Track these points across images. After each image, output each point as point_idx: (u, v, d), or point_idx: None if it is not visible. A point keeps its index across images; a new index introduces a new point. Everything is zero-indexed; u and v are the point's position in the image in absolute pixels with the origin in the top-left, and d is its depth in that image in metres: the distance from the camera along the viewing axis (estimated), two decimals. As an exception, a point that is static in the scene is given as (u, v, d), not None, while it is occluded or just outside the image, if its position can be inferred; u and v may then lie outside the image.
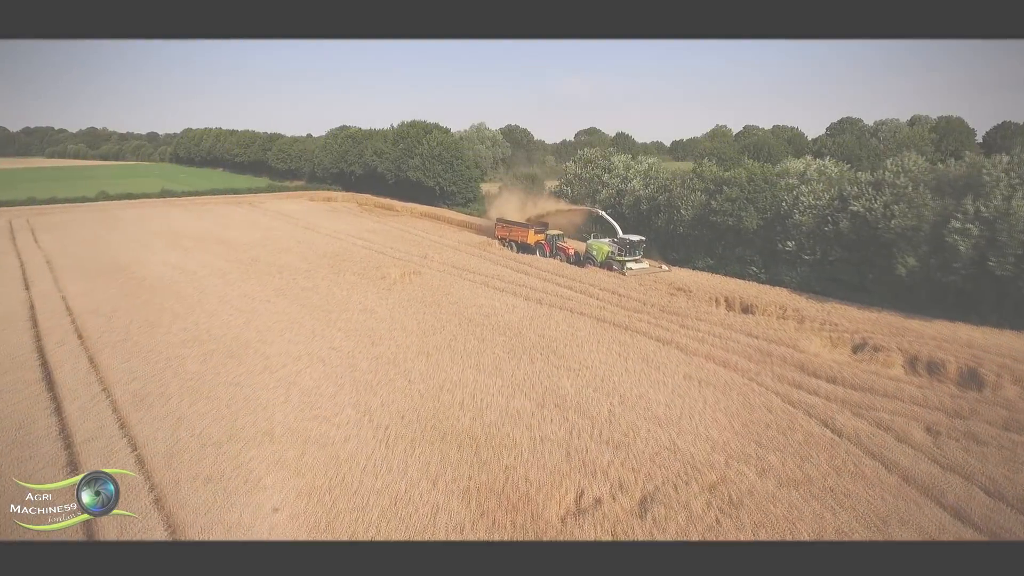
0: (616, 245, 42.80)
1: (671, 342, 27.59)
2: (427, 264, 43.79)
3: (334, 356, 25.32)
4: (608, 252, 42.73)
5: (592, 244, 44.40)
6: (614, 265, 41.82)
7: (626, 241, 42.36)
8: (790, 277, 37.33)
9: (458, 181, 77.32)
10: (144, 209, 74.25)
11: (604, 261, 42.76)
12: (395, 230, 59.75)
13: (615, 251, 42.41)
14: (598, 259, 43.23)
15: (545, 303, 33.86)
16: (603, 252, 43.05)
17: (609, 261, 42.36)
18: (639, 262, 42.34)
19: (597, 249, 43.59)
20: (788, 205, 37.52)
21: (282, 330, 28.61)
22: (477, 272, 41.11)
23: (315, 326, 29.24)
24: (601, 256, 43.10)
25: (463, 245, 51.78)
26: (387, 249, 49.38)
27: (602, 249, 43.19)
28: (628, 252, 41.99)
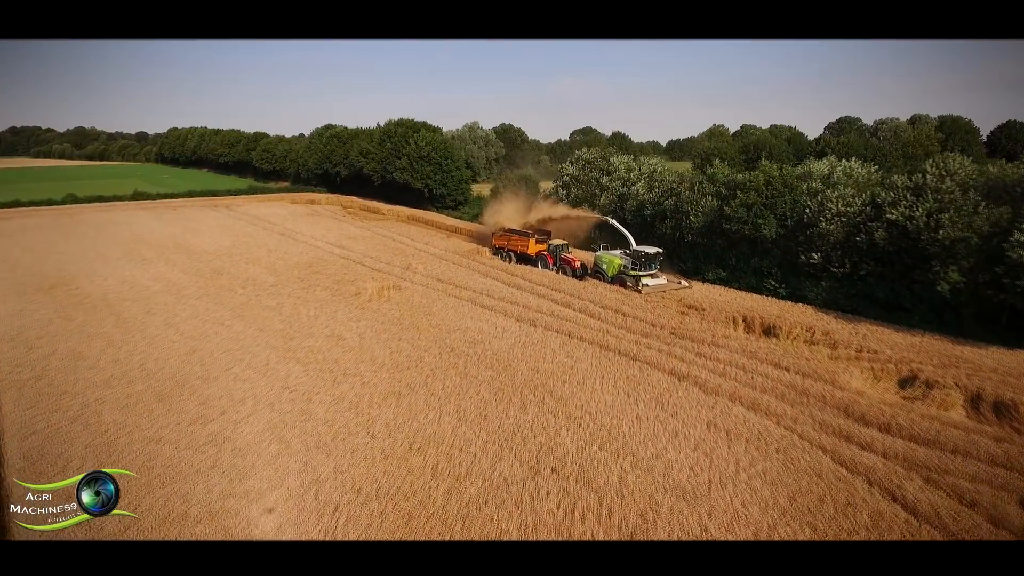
0: (629, 258, 37.58)
1: (687, 376, 23.40)
2: (409, 276, 39.51)
3: (286, 399, 21.03)
4: (620, 266, 37.67)
5: (602, 257, 39.10)
6: (627, 281, 36.76)
7: (641, 254, 36.87)
8: (814, 293, 33.23)
9: (448, 183, 73.10)
10: (113, 213, 69.66)
11: (615, 276, 37.76)
12: (378, 236, 55.43)
13: (628, 265, 37.28)
14: (608, 274, 38.21)
15: (540, 325, 29.64)
16: (614, 266, 37.95)
17: (621, 276, 37.32)
18: (656, 277, 37.20)
19: (607, 262, 38.38)
20: (813, 212, 33.41)
21: (230, 363, 24.28)
22: (464, 286, 36.85)
23: (271, 357, 24.93)
24: (612, 270, 38.04)
25: (450, 254, 47.53)
26: (367, 259, 45.07)
27: (613, 262, 38.06)
28: (643, 266, 36.72)
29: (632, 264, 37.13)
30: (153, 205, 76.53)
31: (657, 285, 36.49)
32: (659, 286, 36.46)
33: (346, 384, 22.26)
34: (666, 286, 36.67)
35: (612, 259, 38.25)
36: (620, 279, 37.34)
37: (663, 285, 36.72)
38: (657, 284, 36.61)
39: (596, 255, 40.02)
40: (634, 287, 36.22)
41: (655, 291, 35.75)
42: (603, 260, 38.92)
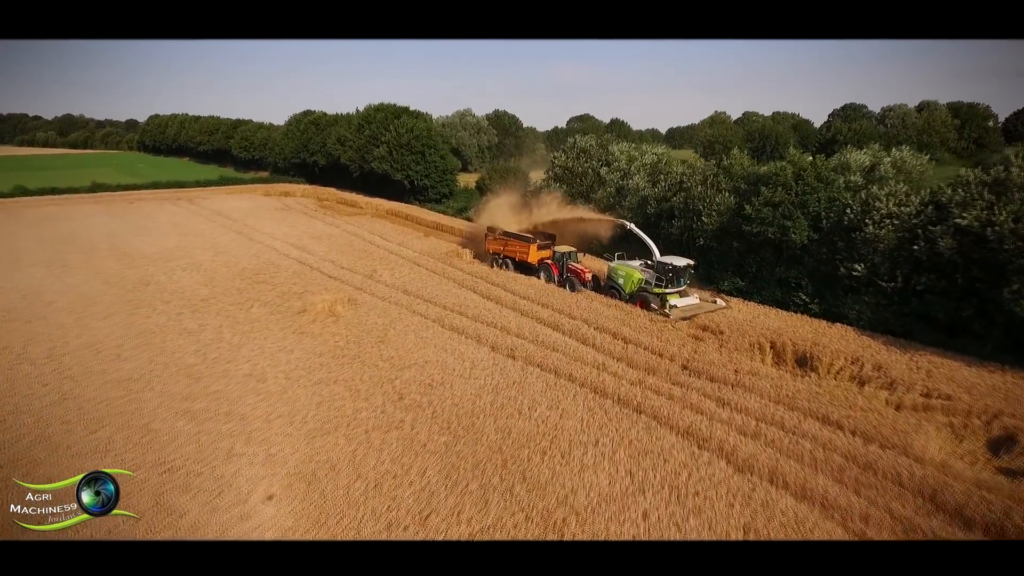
0: (651, 271, 30.44)
1: (710, 441, 17.42)
2: (370, 287, 33.42)
3: (147, 489, 15.00)
4: (640, 281, 30.66)
5: (617, 269, 31.74)
6: (651, 301, 29.52)
7: (667, 266, 29.50)
8: (856, 311, 27.20)
9: (431, 174, 66.79)
10: (61, 207, 63.32)
11: (635, 294, 30.64)
12: (348, 235, 49.25)
13: (650, 280, 30.20)
14: (625, 290, 31.13)
15: (519, 356, 23.63)
16: (633, 280, 30.87)
17: (643, 295, 30.05)
18: (686, 295, 30.16)
19: (625, 276, 31.24)
20: (855, 213, 27.30)
21: (99, 420, 18.25)
22: (433, 300, 30.78)
23: (158, 412, 18.89)
24: (630, 286, 30.94)
25: (425, 257, 41.39)
26: (327, 263, 38.94)
27: (631, 276, 30.92)
28: (671, 282, 29.49)
29: (656, 279, 29.89)
30: (110, 198, 70.16)
31: (688, 306, 29.28)
32: (691, 307, 29.25)
33: (243, 459, 16.24)
34: (699, 307, 29.50)
35: (630, 272, 31.04)
36: (641, 298, 30.04)
37: (695, 306, 29.49)
38: (688, 304, 29.37)
39: (610, 266, 32.53)
40: (659, 309, 28.96)
41: (686, 314, 28.65)
42: (619, 273, 31.64)
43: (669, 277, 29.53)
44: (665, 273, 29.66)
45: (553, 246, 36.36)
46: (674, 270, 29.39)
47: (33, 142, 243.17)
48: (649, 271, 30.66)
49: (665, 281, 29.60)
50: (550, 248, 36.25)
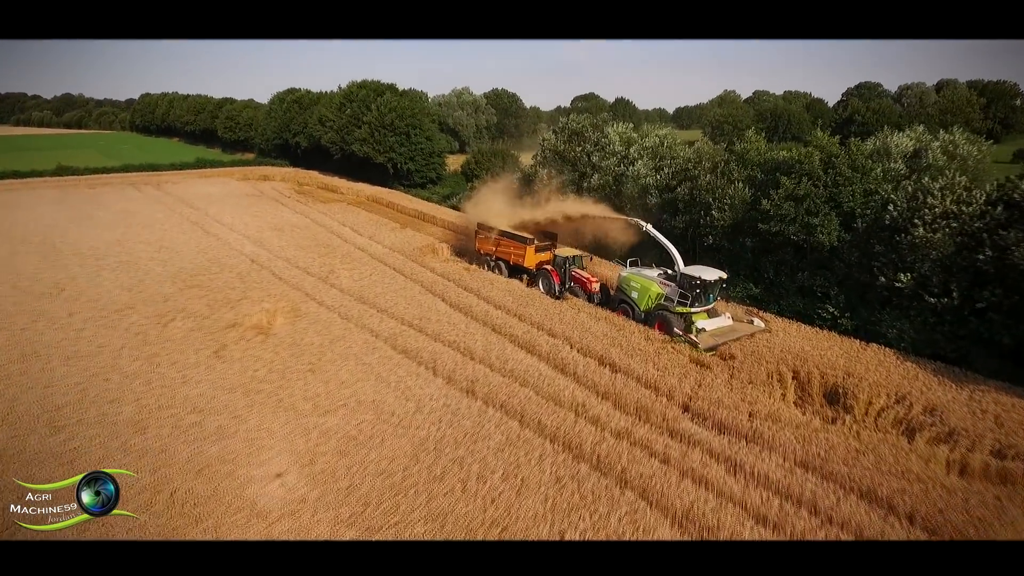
0: (673, 285, 24.37)
1: (718, 532, 12.69)
2: (322, 292, 28.65)
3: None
4: (659, 296, 24.66)
5: (631, 280, 25.79)
6: (672, 323, 23.47)
7: (693, 280, 23.42)
8: (896, 330, 22.27)
9: (416, 157, 61.63)
10: (14, 193, 58.41)
11: (651, 311, 24.76)
12: (315, 226, 44.36)
13: (671, 296, 24.24)
14: (640, 306, 25.24)
15: (479, 391, 18.91)
16: (649, 295, 24.86)
17: (663, 313, 24.12)
18: (716, 315, 24.41)
19: (639, 289, 25.28)
20: (899, 211, 22.23)
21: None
22: (391, 311, 26.00)
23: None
24: (646, 302, 24.99)
25: (394, 253, 36.52)
26: (281, 261, 34.16)
27: (648, 290, 24.94)
28: (697, 299, 23.59)
29: (679, 295, 23.96)
30: (74, 183, 65.19)
31: (720, 329, 23.54)
32: (723, 331, 23.44)
33: None
34: (734, 330, 23.58)
35: (647, 285, 25.06)
36: (660, 318, 24.14)
37: (729, 329, 23.65)
38: (720, 327, 23.63)
39: (622, 276, 26.48)
40: (684, 335, 22.84)
41: (718, 339, 22.74)
42: (632, 285, 25.66)
43: (695, 293, 23.44)
44: (691, 288, 23.54)
45: (554, 248, 30.95)
46: (702, 285, 23.25)
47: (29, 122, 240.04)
48: (670, 284, 24.53)
49: (691, 298, 23.52)
50: (550, 250, 30.76)
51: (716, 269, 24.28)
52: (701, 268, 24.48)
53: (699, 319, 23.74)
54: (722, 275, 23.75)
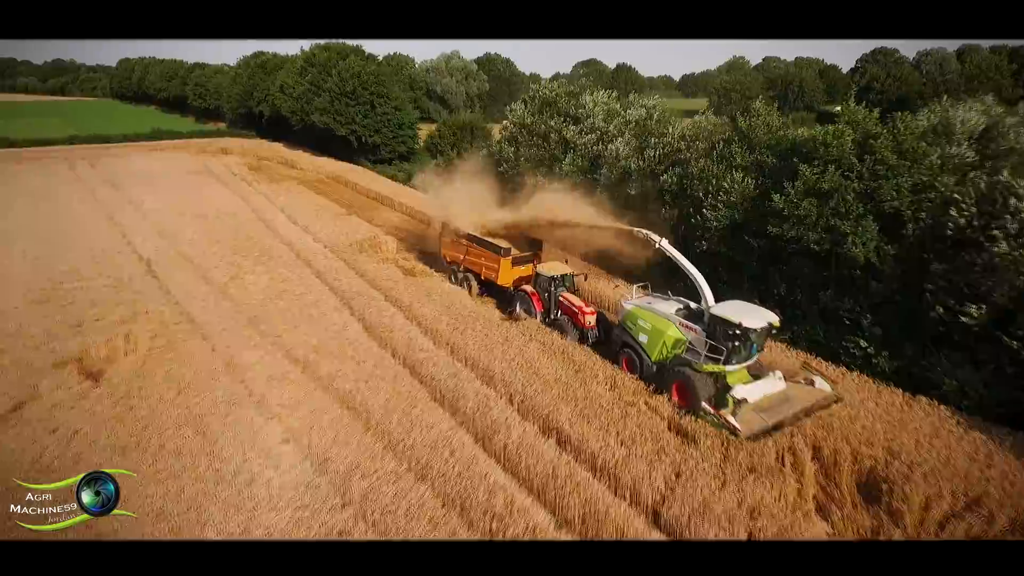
0: (700, 330, 16.56)
1: None
2: (211, 308, 22.53)
3: None
4: (678, 344, 16.95)
5: (637, 315, 18.08)
6: (698, 389, 15.57)
7: (729, 326, 15.60)
8: (959, 381, 16.03)
9: (382, 129, 54.84)
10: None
11: (667, 366, 16.95)
12: (249, 212, 37.99)
13: (696, 345, 16.46)
14: (650, 354, 17.55)
15: (355, 493, 12.83)
16: (664, 341, 17.17)
17: (682, 371, 16.22)
18: (765, 376, 16.44)
19: (651, 331, 17.54)
20: (968, 216, 15.74)
21: None
22: (284, 338, 19.92)
23: None
24: (659, 350, 17.29)
25: (324, 250, 30.29)
26: (181, 262, 27.97)
27: (662, 333, 17.20)
28: (735, 352, 15.88)
29: (708, 346, 16.01)
30: (4, 156, 58.58)
31: (770, 399, 15.63)
32: (773, 402, 15.54)
33: None
34: (790, 400, 15.67)
35: (661, 326, 17.22)
36: (680, 378, 16.20)
37: (782, 399, 15.74)
38: (768, 395, 15.72)
39: (626, 310, 18.66)
40: (715, 412, 14.92)
41: (768, 419, 14.85)
42: (641, 324, 17.81)
43: (733, 344, 15.62)
44: (726, 336, 15.64)
45: (536, 261, 23.66)
46: (743, 333, 15.45)
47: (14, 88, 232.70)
48: (695, 328, 16.61)
49: (725, 351, 15.61)
50: (529, 262, 23.56)
51: (761, 309, 16.32)
52: (740, 307, 16.23)
53: (736, 380, 16.01)
54: (772, 320, 15.77)
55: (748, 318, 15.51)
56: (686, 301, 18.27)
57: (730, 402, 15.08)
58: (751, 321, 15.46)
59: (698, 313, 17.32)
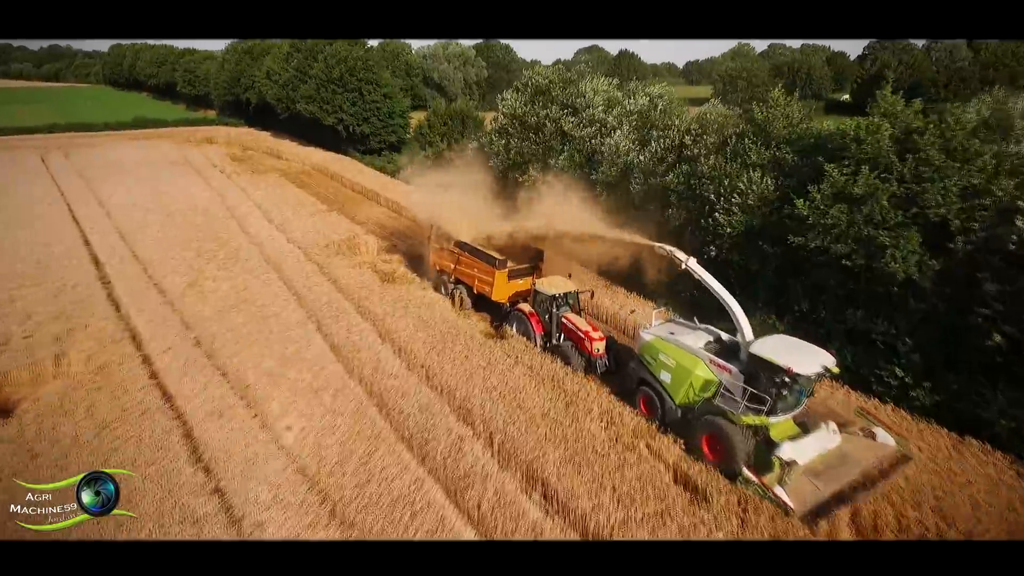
0: (736, 370, 13.44)
1: None
2: (160, 323, 20.07)
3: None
4: (709, 386, 13.82)
5: (658, 348, 14.95)
6: (735, 446, 12.60)
7: (775, 370, 12.44)
8: (1015, 423, 13.55)
9: (371, 118, 52.09)
10: None
11: (694, 411, 13.99)
12: (222, 208, 35.40)
13: (732, 388, 13.30)
14: (674, 396, 14.53)
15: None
16: (691, 382, 14.09)
17: (714, 423, 13.16)
18: (816, 429, 13.15)
19: (675, 369, 14.47)
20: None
21: None
22: (236, 359, 17.47)
23: None
24: (685, 392, 14.24)
25: (297, 251, 27.72)
26: (136, 267, 25.47)
27: (690, 373, 14.11)
28: (780, 399, 12.65)
29: (746, 392, 12.97)
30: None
31: (824, 459, 12.69)
32: (829, 462, 12.64)
33: None
34: (847, 461, 12.69)
35: (687, 362, 14.29)
36: (711, 430, 13.30)
37: (839, 458, 12.77)
38: (822, 453, 12.79)
39: (643, 340, 15.52)
40: (758, 480, 11.99)
41: (824, 486, 12.07)
42: (663, 359, 14.79)
43: (777, 390, 12.59)
44: (770, 382, 12.67)
45: (536, 274, 20.62)
46: (791, 380, 12.39)
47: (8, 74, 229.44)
48: (730, 368, 13.56)
49: (769, 399, 12.57)
50: (527, 275, 20.64)
51: (812, 347, 13.03)
52: (787, 345, 13.12)
53: (781, 433, 12.92)
54: (828, 363, 12.49)
55: (799, 361, 12.27)
56: (717, 332, 15.29)
57: (776, 465, 11.97)
58: (804, 366, 12.24)
59: (732, 347, 14.48)
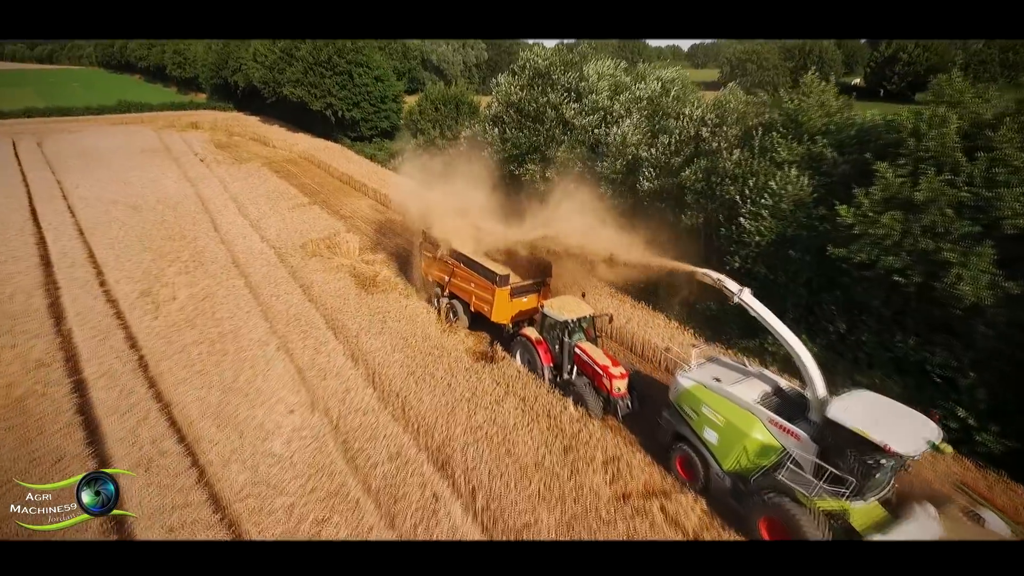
0: (806, 436, 10.44)
1: None
2: (100, 340, 17.53)
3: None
4: (766, 453, 10.90)
5: (701, 397, 11.92)
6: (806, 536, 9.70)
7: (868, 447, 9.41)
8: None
9: (361, 103, 49.17)
10: None
11: (747, 481, 11.10)
12: (195, 200, 32.72)
13: (801, 459, 10.36)
14: (720, 463, 11.61)
15: None
16: (745, 446, 11.14)
17: (777, 504, 10.25)
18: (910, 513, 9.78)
19: (723, 427, 11.50)
20: None
21: None
22: (179, 390, 14.92)
23: None
24: (735, 458, 11.35)
25: (270, 250, 25.15)
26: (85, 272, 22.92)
27: (744, 435, 11.17)
28: (866, 477, 9.74)
29: (817, 467, 10.05)
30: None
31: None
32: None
33: None
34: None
35: (739, 420, 11.31)
36: (773, 511, 10.33)
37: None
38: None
39: (682, 388, 12.38)
40: None
41: None
42: (707, 413, 11.81)
43: (867, 469, 9.73)
44: (856, 458, 9.77)
45: (543, 293, 17.78)
46: (882, 461, 9.62)
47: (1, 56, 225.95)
48: (795, 431, 10.64)
49: (858, 478, 9.71)
50: (537, 294, 17.78)
51: (906, 410, 10.18)
52: (876, 409, 10.11)
53: (866, 520, 9.89)
54: (933, 436, 9.58)
55: (898, 435, 9.31)
56: (773, 378, 12.35)
57: None
58: (905, 442, 9.27)
59: (795, 399, 11.64)
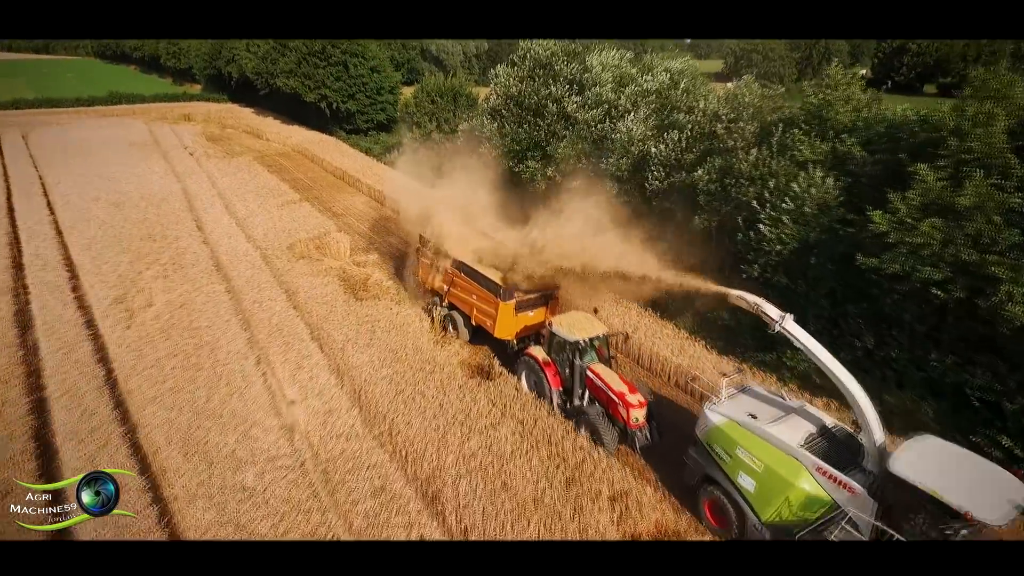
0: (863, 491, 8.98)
1: None
2: (64, 354, 16.22)
3: None
4: (815, 507, 9.44)
5: (736, 440, 10.33)
6: None
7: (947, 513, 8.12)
8: None
9: (357, 94, 47.65)
10: None
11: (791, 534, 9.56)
12: (181, 198, 31.31)
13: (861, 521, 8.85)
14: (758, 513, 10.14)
15: None
16: (788, 497, 9.64)
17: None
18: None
19: (761, 474, 9.96)
20: None
21: None
22: (147, 415, 13.62)
23: None
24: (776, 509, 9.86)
25: (255, 252, 23.81)
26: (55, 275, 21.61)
27: (787, 484, 9.64)
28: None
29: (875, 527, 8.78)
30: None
31: None
32: None
33: None
34: None
35: (783, 469, 9.71)
36: None
37: None
38: None
39: (711, 425, 10.82)
40: None
41: None
42: (740, 456, 10.26)
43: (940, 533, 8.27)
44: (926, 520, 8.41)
45: (551, 307, 16.45)
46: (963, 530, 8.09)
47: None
48: (849, 483, 9.15)
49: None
50: (544, 308, 16.39)
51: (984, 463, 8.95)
52: (945, 458, 8.89)
53: None
54: (1021, 496, 8.11)
55: (980, 499, 7.99)
56: (818, 415, 10.82)
57: None
58: (989, 510, 7.91)
59: (845, 441, 10.19)
